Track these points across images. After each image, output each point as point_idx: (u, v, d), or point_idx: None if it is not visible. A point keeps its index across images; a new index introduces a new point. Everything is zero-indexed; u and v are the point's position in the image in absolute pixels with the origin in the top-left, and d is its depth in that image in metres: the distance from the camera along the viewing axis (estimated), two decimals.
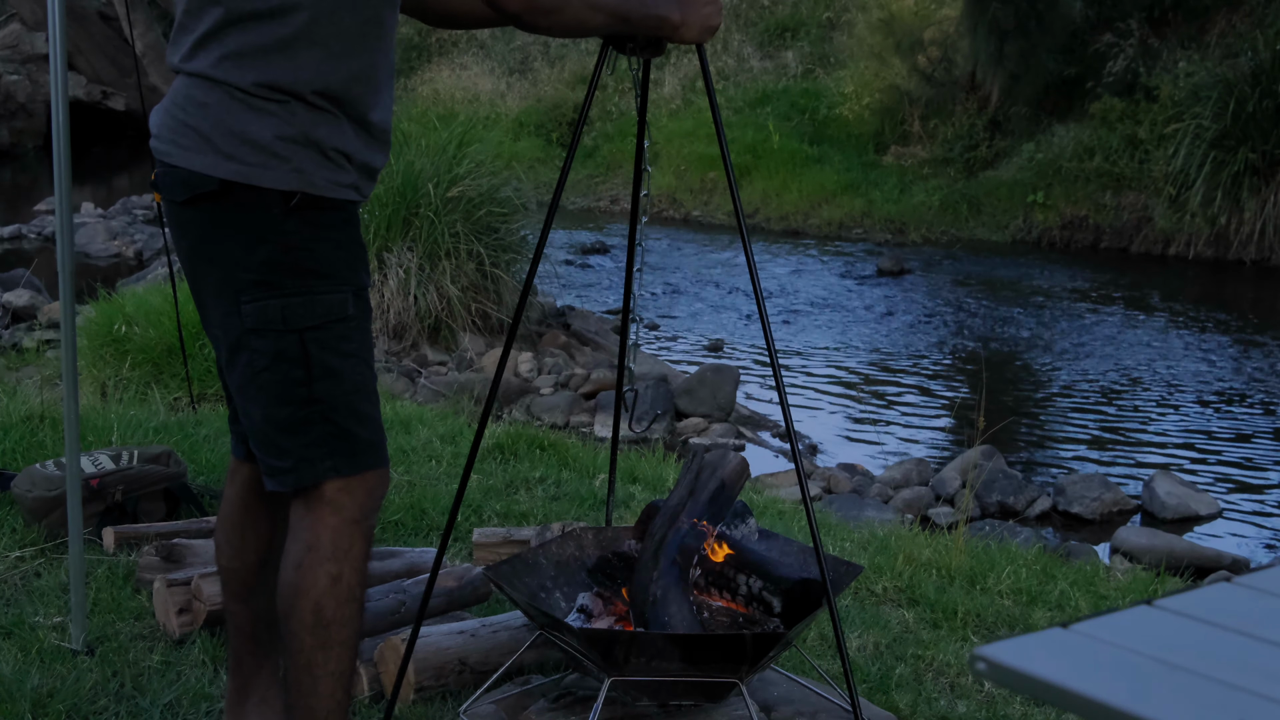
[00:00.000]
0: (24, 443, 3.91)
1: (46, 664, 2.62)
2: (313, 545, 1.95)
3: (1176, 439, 7.28)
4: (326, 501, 1.95)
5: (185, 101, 1.92)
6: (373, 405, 2.00)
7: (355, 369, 1.96)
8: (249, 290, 1.91)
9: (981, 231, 13.43)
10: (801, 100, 16.03)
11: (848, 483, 6.21)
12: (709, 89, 2.28)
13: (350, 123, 1.94)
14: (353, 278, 1.96)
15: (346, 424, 1.95)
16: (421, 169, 7.79)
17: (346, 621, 1.96)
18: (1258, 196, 11.93)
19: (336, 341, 1.93)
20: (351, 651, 1.99)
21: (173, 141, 1.93)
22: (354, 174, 1.96)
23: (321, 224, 1.93)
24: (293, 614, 1.95)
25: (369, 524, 2.00)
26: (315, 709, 1.98)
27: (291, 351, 1.91)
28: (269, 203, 1.89)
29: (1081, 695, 1.01)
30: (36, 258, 10.68)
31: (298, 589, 1.94)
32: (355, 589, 1.97)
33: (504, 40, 18.72)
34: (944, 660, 3.05)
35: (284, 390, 1.93)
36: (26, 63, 17.69)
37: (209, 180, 1.88)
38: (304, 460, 1.94)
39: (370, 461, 1.97)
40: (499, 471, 4.31)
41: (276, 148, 1.88)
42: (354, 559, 1.96)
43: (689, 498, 2.47)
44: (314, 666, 1.96)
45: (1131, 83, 13.46)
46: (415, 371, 7.54)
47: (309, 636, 1.95)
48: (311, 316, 1.91)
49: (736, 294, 10.81)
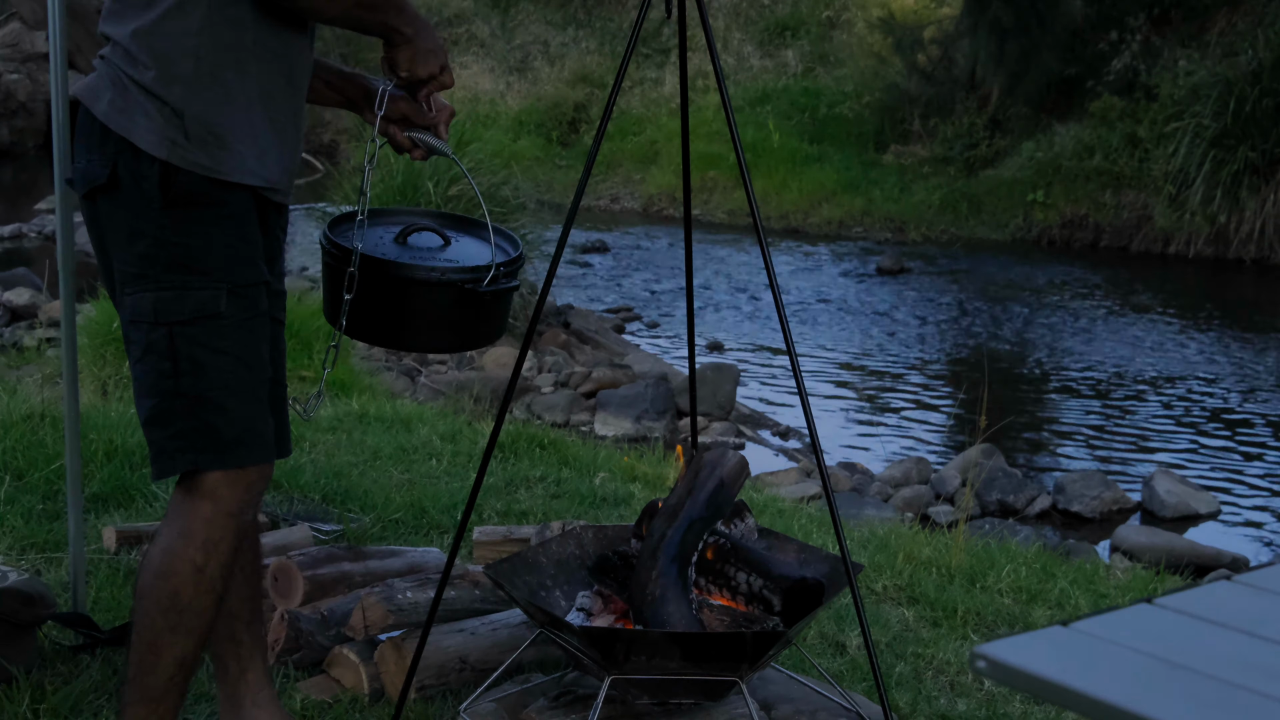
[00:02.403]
0: (24, 442, 3.90)
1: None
2: (184, 533, 1.99)
3: (1176, 437, 7.28)
4: (206, 492, 1.98)
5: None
6: (244, 402, 2.00)
7: (227, 365, 1.97)
8: (130, 283, 1.97)
9: (981, 230, 13.43)
10: (801, 99, 16.03)
11: (848, 481, 6.22)
12: (721, 90, 2.28)
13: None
14: (230, 275, 1.96)
15: (211, 419, 1.97)
16: (421, 168, 7.78)
17: (201, 611, 2.00)
18: (1257, 195, 11.93)
19: (206, 337, 1.95)
20: (199, 640, 2.03)
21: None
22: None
23: (199, 220, 1.94)
24: (149, 594, 2.00)
25: (244, 519, 2.03)
26: (152, 687, 2.02)
27: (160, 345, 1.95)
28: (149, 196, 1.92)
29: (1081, 693, 1.01)
30: (37, 256, 10.68)
31: (160, 571, 1.99)
32: (216, 581, 2.01)
33: (504, 39, 18.71)
34: (944, 658, 3.05)
35: (152, 382, 1.97)
36: (26, 61, 17.69)
37: (100, 174, 1.95)
38: (164, 452, 1.99)
39: (238, 459, 1.99)
40: (499, 470, 4.31)
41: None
42: (221, 552, 2.00)
43: (688, 496, 2.47)
44: (160, 648, 2.00)
45: (1131, 81, 13.46)
46: (415, 370, 7.54)
47: (161, 618, 1.99)
48: (181, 311, 1.94)
49: (736, 293, 10.81)
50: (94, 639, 2.69)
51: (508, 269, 2.23)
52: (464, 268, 2.19)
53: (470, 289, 2.17)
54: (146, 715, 2.02)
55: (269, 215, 2.07)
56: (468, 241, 2.36)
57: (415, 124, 2.20)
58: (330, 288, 2.24)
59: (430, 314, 2.21)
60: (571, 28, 18.83)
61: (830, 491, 2.27)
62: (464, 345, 2.38)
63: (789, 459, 6.72)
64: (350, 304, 2.15)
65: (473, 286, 2.17)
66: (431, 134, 2.21)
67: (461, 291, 2.17)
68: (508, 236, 2.34)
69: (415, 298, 2.18)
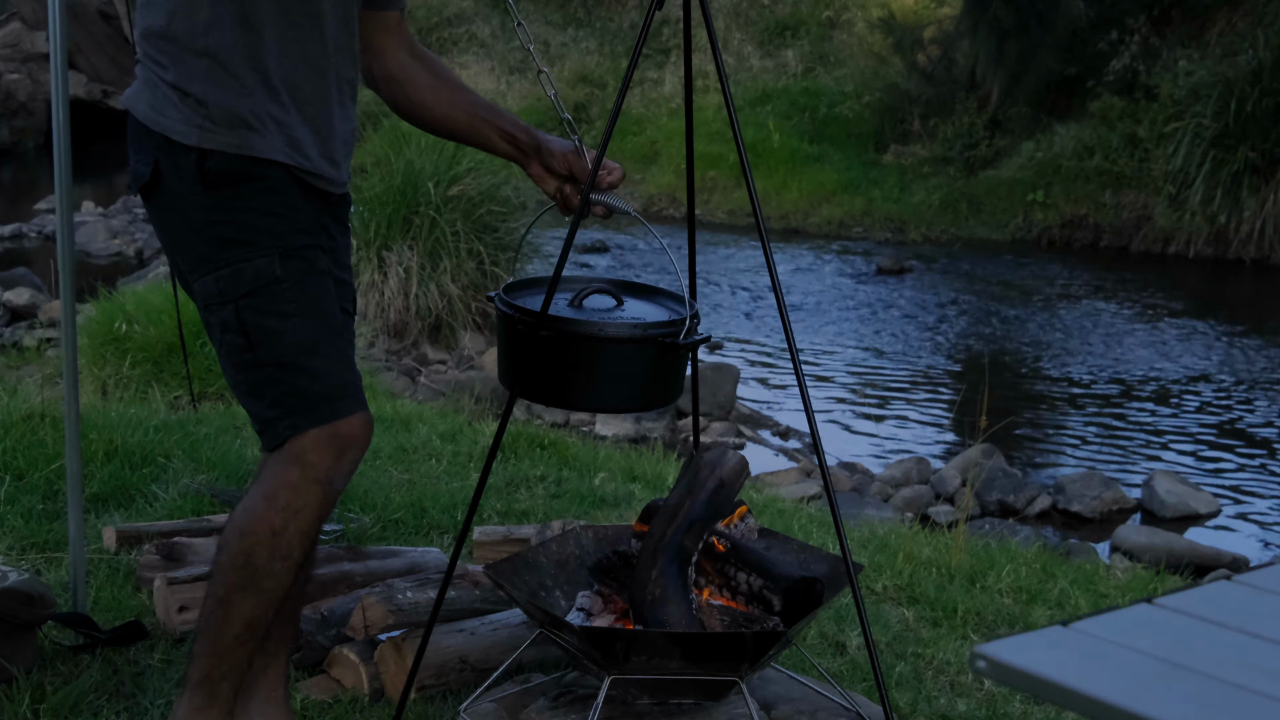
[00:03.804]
0: (24, 442, 3.90)
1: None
2: (268, 495, 2.00)
3: (1176, 437, 7.28)
4: (294, 456, 1.99)
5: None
6: (325, 358, 2.02)
7: (299, 327, 1.99)
8: (194, 270, 2.02)
9: (981, 230, 13.43)
10: (801, 99, 16.02)
11: (848, 481, 6.22)
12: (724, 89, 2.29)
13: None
14: (279, 241, 1.98)
15: (297, 382, 1.98)
16: (421, 168, 7.79)
17: (274, 574, 2.01)
18: (1257, 195, 11.93)
19: (271, 304, 1.98)
20: (269, 603, 2.04)
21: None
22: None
23: (240, 195, 1.97)
24: (226, 549, 2.03)
25: (333, 487, 2.02)
26: (219, 642, 2.04)
27: (231, 322, 1.99)
28: (189, 183, 1.96)
29: (1082, 693, 1.01)
30: (37, 256, 10.68)
31: (239, 530, 2.01)
32: (294, 548, 2.01)
33: (504, 39, 18.71)
34: (944, 658, 3.05)
35: (235, 359, 2.01)
36: (27, 61, 17.69)
37: (144, 172, 2.00)
38: (267, 422, 2.00)
39: (332, 412, 1.99)
40: (499, 470, 4.31)
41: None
42: (303, 519, 2.00)
43: (688, 496, 2.47)
44: (229, 604, 2.02)
45: (1131, 81, 13.46)
46: (415, 370, 7.54)
47: (233, 575, 2.01)
48: (241, 285, 1.97)
49: (737, 293, 10.81)
50: (94, 639, 2.69)
51: (698, 322, 2.26)
52: (661, 322, 2.22)
53: (670, 343, 2.18)
54: (212, 669, 2.06)
55: (315, 198, 2.07)
56: (637, 303, 2.38)
57: (583, 181, 2.27)
58: (515, 353, 2.24)
59: (628, 372, 2.22)
60: (571, 28, 18.83)
61: (832, 490, 2.27)
62: (652, 403, 2.38)
63: (789, 459, 6.72)
64: (538, 368, 2.19)
65: (671, 340, 2.18)
66: (609, 193, 2.27)
67: (661, 346, 2.19)
68: (676, 296, 2.35)
69: (614, 356, 2.20)
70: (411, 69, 2.29)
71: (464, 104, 2.33)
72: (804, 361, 8.59)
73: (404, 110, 2.32)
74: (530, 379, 2.24)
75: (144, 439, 4.08)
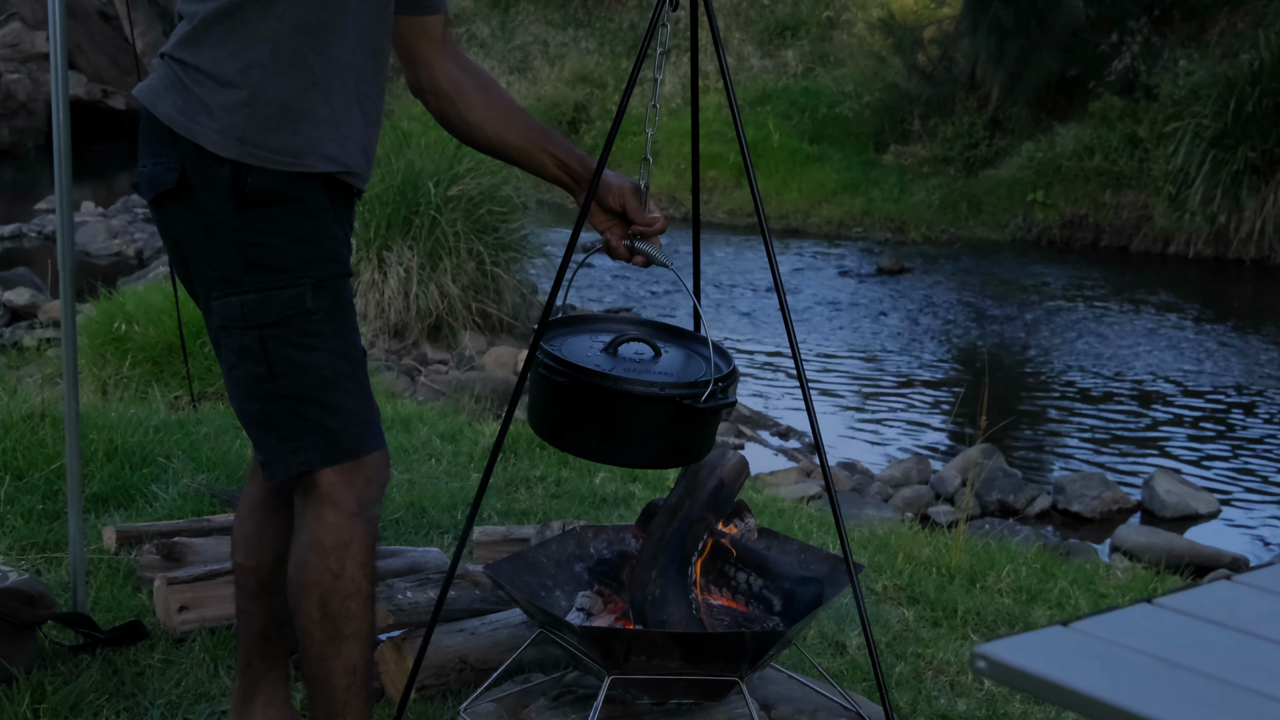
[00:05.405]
0: (24, 442, 3.90)
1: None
2: (313, 544, 1.95)
3: (1176, 437, 7.28)
4: (323, 495, 1.95)
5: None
6: (349, 394, 1.96)
7: (324, 361, 1.93)
8: (214, 288, 1.93)
9: (981, 230, 13.43)
10: (801, 99, 16.03)
11: (848, 481, 6.22)
12: (728, 89, 2.28)
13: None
14: (312, 270, 1.92)
15: (317, 418, 1.93)
16: (421, 168, 7.78)
17: (353, 615, 1.97)
18: (1257, 195, 11.93)
19: (299, 337, 1.91)
20: (362, 644, 2.00)
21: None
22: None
23: (275, 217, 1.90)
24: (300, 610, 1.98)
25: (369, 515, 1.98)
26: (332, 700, 2.00)
27: (254, 349, 1.91)
28: (222, 199, 1.88)
29: (1082, 693, 1.01)
30: (37, 256, 10.68)
31: (302, 586, 1.96)
32: (360, 581, 1.97)
33: (504, 39, 18.72)
34: (944, 658, 3.05)
35: (251, 386, 1.93)
36: (27, 61, 17.68)
37: (167, 178, 1.91)
38: (277, 454, 1.95)
39: (352, 450, 1.95)
40: (499, 470, 4.31)
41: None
42: (356, 552, 1.96)
43: (688, 496, 2.47)
44: (326, 660, 1.98)
45: (1131, 81, 13.46)
46: (415, 370, 7.53)
47: (317, 631, 1.97)
48: (269, 313, 1.90)
49: (736, 293, 10.81)
50: (94, 639, 2.69)
51: (725, 384, 2.21)
52: (681, 383, 2.18)
53: (688, 404, 2.15)
54: None
55: (339, 201, 2.00)
56: (677, 353, 2.35)
57: (633, 221, 2.26)
58: (544, 399, 2.23)
59: (645, 429, 2.18)
60: (571, 28, 18.84)
61: (833, 489, 2.27)
62: (677, 460, 2.36)
63: (789, 459, 6.72)
64: (562, 417, 2.19)
65: (690, 402, 2.15)
66: (651, 243, 2.26)
67: (679, 407, 2.15)
68: (722, 352, 2.30)
69: (630, 412, 2.16)
70: (463, 84, 2.21)
71: (518, 126, 2.24)
72: (803, 361, 8.60)
73: (454, 127, 2.24)
74: (548, 423, 2.23)
75: (144, 439, 4.08)
